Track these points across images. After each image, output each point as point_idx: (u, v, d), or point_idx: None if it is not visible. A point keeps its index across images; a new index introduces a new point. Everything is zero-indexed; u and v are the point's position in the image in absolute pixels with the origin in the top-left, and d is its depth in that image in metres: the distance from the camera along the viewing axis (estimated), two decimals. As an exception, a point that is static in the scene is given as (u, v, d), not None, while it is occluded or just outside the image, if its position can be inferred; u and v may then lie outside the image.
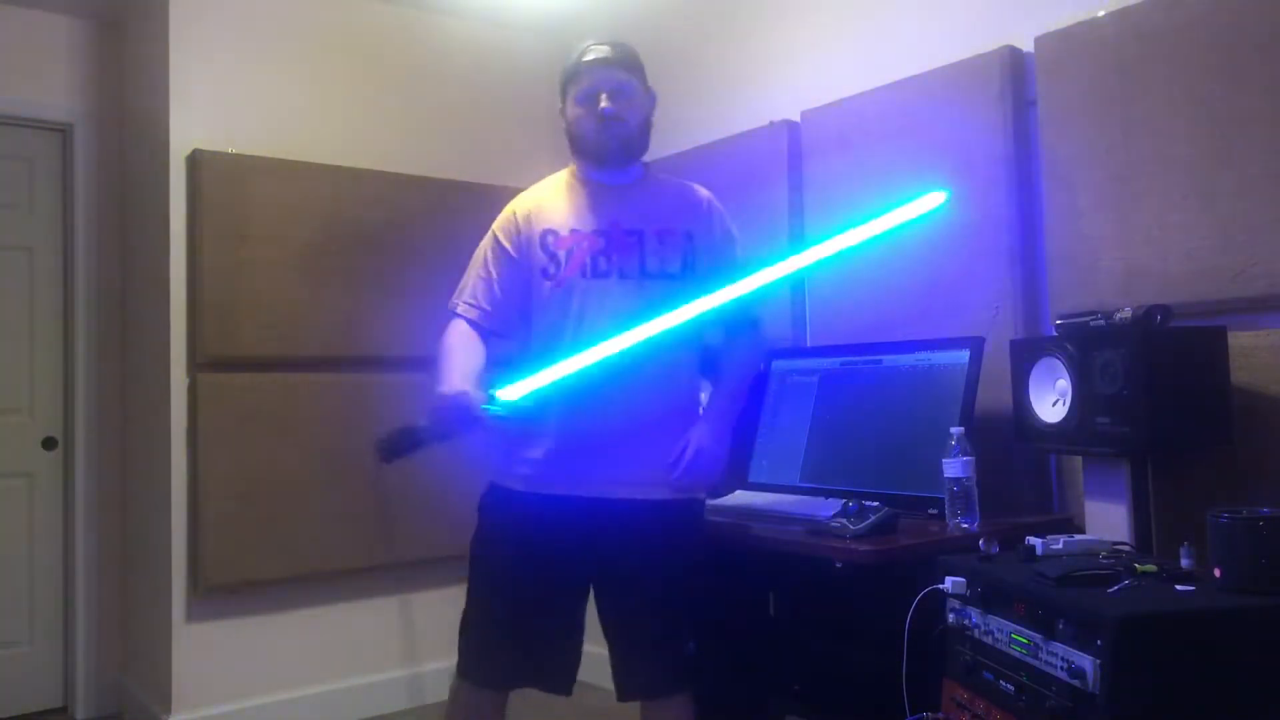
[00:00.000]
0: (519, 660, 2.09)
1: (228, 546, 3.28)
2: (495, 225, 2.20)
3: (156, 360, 3.41)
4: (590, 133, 2.10)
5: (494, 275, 2.15)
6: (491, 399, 1.97)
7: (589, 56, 2.10)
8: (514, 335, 2.17)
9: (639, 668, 2.11)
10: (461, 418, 1.96)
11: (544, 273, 2.09)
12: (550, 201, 2.17)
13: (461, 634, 2.15)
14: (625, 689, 2.12)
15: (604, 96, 2.07)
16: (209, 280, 3.30)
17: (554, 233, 2.11)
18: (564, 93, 2.16)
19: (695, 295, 2.06)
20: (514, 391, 1.99)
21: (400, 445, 2.05)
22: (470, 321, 2.15)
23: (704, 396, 2.25)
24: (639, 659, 2.11)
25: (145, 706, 3.45)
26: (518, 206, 2.18)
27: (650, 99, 2.18)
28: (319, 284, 3.49)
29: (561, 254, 2.08)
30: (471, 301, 2.16)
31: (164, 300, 3.34)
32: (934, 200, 2.18)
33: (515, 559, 2.08)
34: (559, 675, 2.12)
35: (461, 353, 2.09)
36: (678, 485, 2.07)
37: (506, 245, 2.15)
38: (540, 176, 2.29)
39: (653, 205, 2.14)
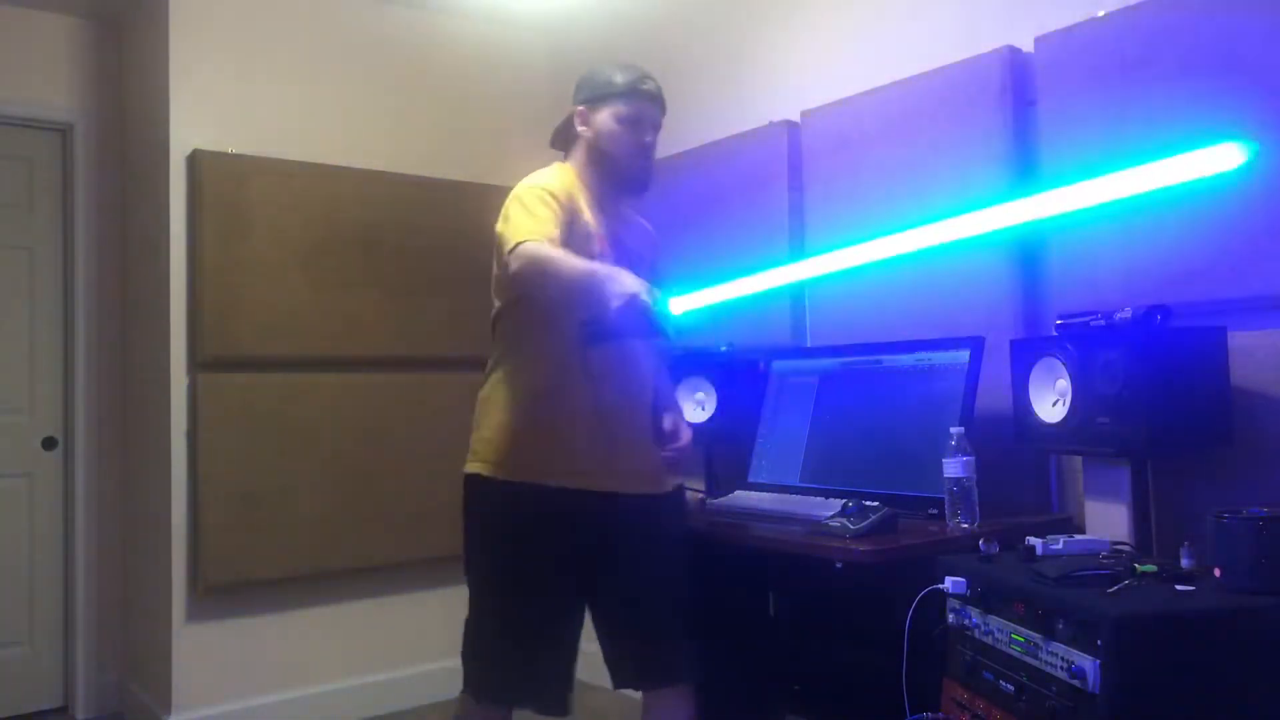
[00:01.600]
0: (520, 681, 2.07)
1: (228, 546, 3.29)
2: (544, 186, 2.04)
3: (156, 360, 3.41)
4: (625, 156, 2.16)
5: (547, 216, 1.98)
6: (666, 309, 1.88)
7: (647, 86, 2.18)
8: None
9: (645, 656, 2.11)
10: (646, 319, 1.83)
11: (586, 251, 2.03)
12: (568, 188, 2.11)
13: (467, 647, 2.11)
14: (625, 677, 2.12)
15: (651, 130, 2.17)
16: (209, 280, 3.30)
17: (584, 220, 2.09)
18: (600, 101, 2.15)
19: None
20: (678, 307, 1.93)
21: (597, 334, 2.01)
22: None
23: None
24: (644, 648, 2.12)
25: (145, 706, 3.45)
26: (551, 185, 2.06)
27: None
28: (319, 284, 3.49)
29: (594, 241, 2.09)
30: (541, 232, 1.94)
31: (164, 300, 3.34)
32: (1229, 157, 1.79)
33: (522, 566, 2.06)
34: (560, 695, 2.10)
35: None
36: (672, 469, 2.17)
37: (550, 200, 2.02)
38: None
39: (632, 228, 2.28)
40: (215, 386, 3.32)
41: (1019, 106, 2.49)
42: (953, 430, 2.17)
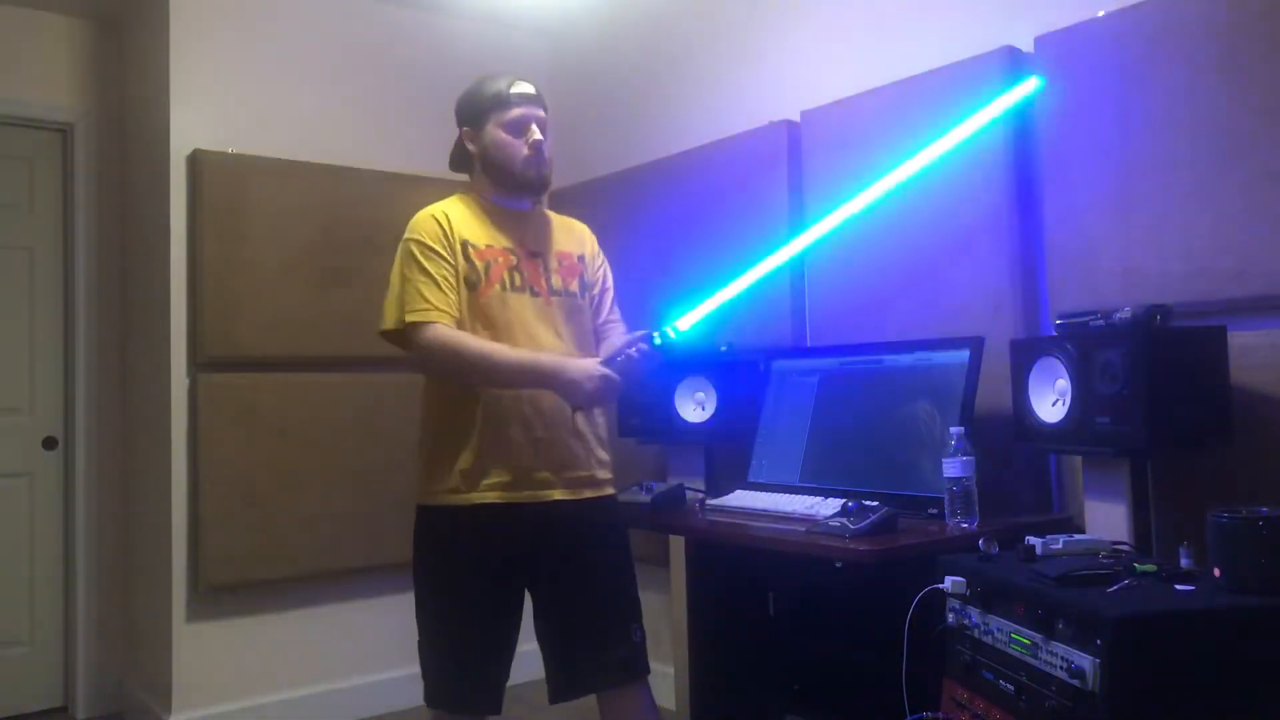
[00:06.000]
0: (472, 689, 2.15)
1: (228, 546, 3.29)
2: (419, 235, 2.13)
3: (156, 360, 3.41)
4: (517, 160, 2.17)
5: (441, 278, 2.10)
6: (665, 333, 2.09)
7: (518, 89, 2.19)
8: None
9: (593, 662, 2.12)
10: (638, 370, 2.06)
11: (467, 281, 2.12)
12: (460, 215, 2.19)
13: (421, 663, 2.20)
14: (570, 687, 2.13)
15: (534, 128, 2.17)
16: (209, 280, 3.30)
17: (471, 244, 2.16)
18: (482, 117, 2.20)
19: (587, 311, 2.25)
20: (684, 323, 2.10)
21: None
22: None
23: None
24: (591, 654, 2.12)
25: (145, 706, 3.45)
26: (436, 214, 2.17)
27: None
28: (319, 284, 3.49)
29: (480, 265, 2.14)
30: (443, 307, 2.07)
31: (164, 300, 3.35)
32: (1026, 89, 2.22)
33: (457, 583, 2.14)
34: (499, 696, 2.17)
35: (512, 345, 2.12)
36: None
37: (439, 249, 2.11)
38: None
39: (546, 232, 2.27)
40: (215, 386, 3.32)
41: (1019, 106, 2.49)
42: (953, 430, 2.17)
